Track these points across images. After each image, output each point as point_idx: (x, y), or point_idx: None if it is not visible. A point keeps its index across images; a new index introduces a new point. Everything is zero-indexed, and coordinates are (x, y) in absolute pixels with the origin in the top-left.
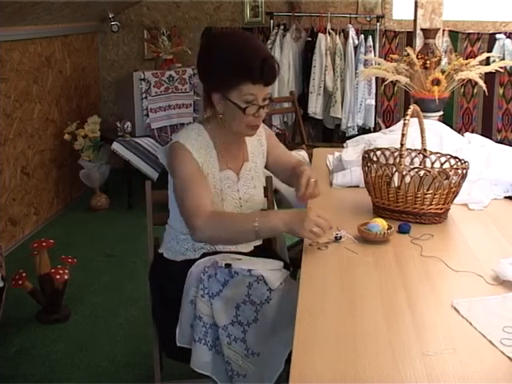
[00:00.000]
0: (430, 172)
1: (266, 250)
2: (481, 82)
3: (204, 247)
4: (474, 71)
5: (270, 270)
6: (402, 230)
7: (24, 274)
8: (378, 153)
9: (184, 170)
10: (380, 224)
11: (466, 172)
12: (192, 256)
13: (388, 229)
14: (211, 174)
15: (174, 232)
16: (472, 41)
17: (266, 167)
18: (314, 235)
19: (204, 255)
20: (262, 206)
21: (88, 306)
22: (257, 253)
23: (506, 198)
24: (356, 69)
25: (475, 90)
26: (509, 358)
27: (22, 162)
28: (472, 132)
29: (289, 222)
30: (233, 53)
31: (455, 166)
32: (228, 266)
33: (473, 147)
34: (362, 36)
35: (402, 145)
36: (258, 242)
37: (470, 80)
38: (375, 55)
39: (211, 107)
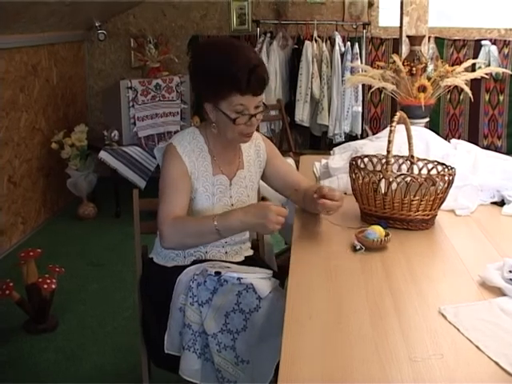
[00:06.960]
0: (416, 178)
1: (256, 260)
2: (467, 89)
3: (194, 254)
4: (459, 78)
5: (260, 278)
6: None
7: (11, 284)
8: (366, 160)
9: (168, 174)
10: (377, 231)
11: (453, 178)
12: (181, 262)
13: (385, 236)
14: (203, 177)
15: None
16: (458, 47)
17: (263, 179)
18: (275, 231)
19: (194, 262)
20: None
21: (75, 316)
22: (247, 263)
23: (492, 203)
24: (343, 76)
25: (461, 97)
26: (496, 363)
27: (8, 171)
28: (458, 138)
29: (248, 221)
30: (220, 64)
31: (442, 173)
32: (218, 273)
33: (459, 153)
34: (349, 43)
35: (388, 152)
36: (249, 253)
37: (456, 86)
38: (361, 62)
39: (205, 114)
